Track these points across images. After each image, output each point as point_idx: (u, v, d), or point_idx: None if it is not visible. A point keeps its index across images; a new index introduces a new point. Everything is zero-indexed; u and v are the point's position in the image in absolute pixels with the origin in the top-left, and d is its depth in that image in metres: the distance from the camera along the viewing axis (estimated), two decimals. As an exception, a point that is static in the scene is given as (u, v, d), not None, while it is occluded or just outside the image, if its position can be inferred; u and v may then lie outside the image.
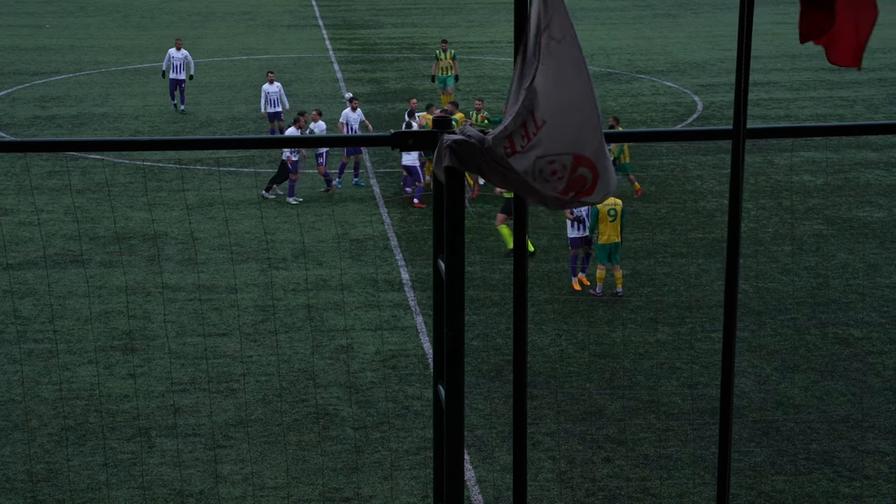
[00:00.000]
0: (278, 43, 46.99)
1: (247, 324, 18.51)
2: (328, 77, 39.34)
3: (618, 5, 59.45)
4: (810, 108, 34.67)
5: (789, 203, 24.80)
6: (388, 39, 48.13)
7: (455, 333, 4.95)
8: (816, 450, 14.70)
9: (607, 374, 16.75)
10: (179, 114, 33.26)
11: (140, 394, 16.07)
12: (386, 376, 16.68)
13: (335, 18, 54.63)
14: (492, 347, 17.60)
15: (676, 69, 40.81)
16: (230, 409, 15.77)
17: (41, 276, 20.47)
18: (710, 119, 33.17)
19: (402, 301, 19.51)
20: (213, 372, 16.76)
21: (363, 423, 15.39)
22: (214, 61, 42.31)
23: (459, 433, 5.04)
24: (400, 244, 22.34)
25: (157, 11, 56.45)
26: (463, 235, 4.91)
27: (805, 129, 5.09)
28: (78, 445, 14.77)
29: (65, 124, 32.20)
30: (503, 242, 21.65)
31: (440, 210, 5.03)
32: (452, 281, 4.92)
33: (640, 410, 15.72)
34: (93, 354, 17.28)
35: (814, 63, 41.87)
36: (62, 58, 42.59)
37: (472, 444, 14.80)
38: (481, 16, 55.55)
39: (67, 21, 52.58)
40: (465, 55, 43.87)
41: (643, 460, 14.48)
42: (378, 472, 14.20)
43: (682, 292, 19.78)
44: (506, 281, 20.15)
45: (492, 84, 38.21)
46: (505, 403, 15.77)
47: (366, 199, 25.17)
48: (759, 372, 16.81)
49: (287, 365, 17.01)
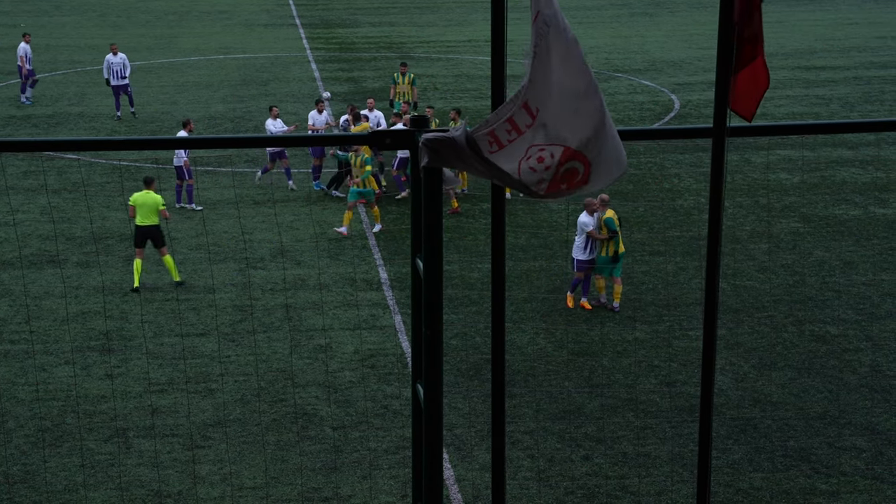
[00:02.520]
0: (255, 42, 46.87)
1: (225, 324, 18.46)
2: (306, 76, 39.26)
3: (594, 4, 59.58)
4: (786, 106, 34.85)
5: (766, 201, 24.92)
6: (366, 38, 48.09)
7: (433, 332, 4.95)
8: (794, 447, 14.78)
9: (586, 373, 16.79)
10: (131, 116, 32.49)
11: (117, 394, 16.00)
12: (364, 375, 16.66)
13: (312, 17, 54.52)
14: (470, 346, 17.60)
15: (653, 68, 40.94)
16: (208, 409, 15.71)
17: (17, 276, 20.35)
18: (688, 117, 33.29)
19: (380, 300, 19.49)
20: (191, 372, 16.70)
21: (342, 422, 15.37)
22: (191, 60, 42.15)
23: (438, 432, 5.04)
24: (378, 243, 22.31)
25: (133, 10, 56.20)
26: (441, 234, 4.91)
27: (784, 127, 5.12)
28: (55, 446, 14.69)
29: (40, 124, 32.02)
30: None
31: (418, 209, 5.03)
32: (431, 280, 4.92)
33: (619, 408, 15.76)
34: (70, 355, 17.19)
35: (790, 62, 42.10)
36: (37, 57, 42.34)
37: (450, 443, 14.81)
38: (459, 14, 55.56)
39: (43, 20, 52.28)
40: (443, 54, 43.88)
41: (622, 458, 14.52)
42: (357, 472, 14.18)
43: (659, 290, 19.83)
44: (484, 280, 20.17)
45: (469, 83, 38.22)
46: (483, 402, 15.78)
47: (344, 199, 25.12)
48: (736, 369, 16.88)
49: (265, 365, 16.97)
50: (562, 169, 4.48)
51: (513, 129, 4.48)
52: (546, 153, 4.46)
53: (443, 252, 4.92)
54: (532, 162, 4.48)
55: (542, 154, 4.46)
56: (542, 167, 4.48)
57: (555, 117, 4.41)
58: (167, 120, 32.62)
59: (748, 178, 26.71)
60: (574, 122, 4.42)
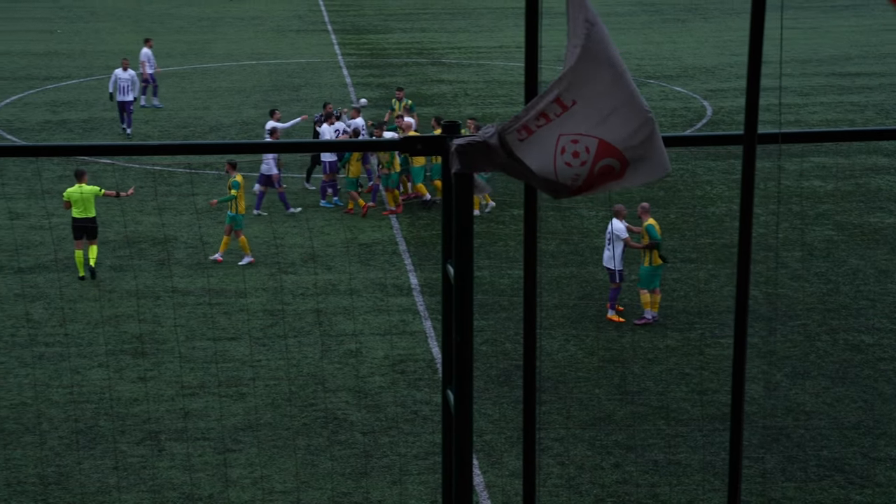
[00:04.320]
0: (287, 48, 47.06)
1: (256, 328, 18.53)
2: (337, 82, 39.39)
3: (627, 10, 59.44)
4: (820, 113, 34.62)
5: (799, 209, 24.75)
6: (397, 44, 48.18)
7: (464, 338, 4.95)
8: (827, 457, 14.66)
9: (616, 380, 16.73)
10: (125, 137, 31.53)
11: (150, 397, 16.10)
12: (394, 381, 16.68)
13: (344, 23, 54.70)
14: (500, 352, 17.59)
15: (686, 74, 40.78)
16: (239, 413, 15.78)
17: (52, 279, 20.51)
18: (720, 124, 33.13)
19: (410, 306, 19.51)
20: (223, 376, 16.78)
21: (372, 427, 15.39)
22: (224, 66, 42.39)
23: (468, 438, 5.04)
24: (409, 249, 22.34)
25: (166, 17, 56.60)
26: (472, 240, 4.92)
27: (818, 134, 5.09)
28: (88, 449, 14.80)
29: (75, 129, 32.28)
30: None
31: (449, 215, 5.03)
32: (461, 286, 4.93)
33: (650, 416, 15.69)
34: (103, 358, 17.32)
35: (824, 68, 41.82)
36: (73, 62, 42.71)
37: (480, 449, 14.79)
38: (490, 21, 55.58)
39: (78, 26, 52.74)
40: (474, 60, 43.91)
41: (653, 466, 14.46)
42: (387, 477, 14.19)
43: (691, 298, 19.74)
44: (514, 286, 20.14)
45: (500, 89, 38.22)
46: (513, 408, 15.76)
47: (375, 204, 25.17)
48: (769, 378, 16.77)
49: (296, 369, 17.02)
50: (598, 165, 4.48)
51: (541, 117, 4.48)
52: (581, 146, 4.45)
53: (473, 258, 4.92)
54: (567, 157, 4.48)
55: (577, 148, 4.45)
56: (578, 162, 4.48)
57: (591, 111, 4.40)
58: (199, 125, 32.81)
59: (781, 186, 26.54)
60: (611, 121, 4.40)
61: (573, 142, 4.46)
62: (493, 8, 60.05)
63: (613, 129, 4.40)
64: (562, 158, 4.49)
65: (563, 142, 4.47)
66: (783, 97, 36.61)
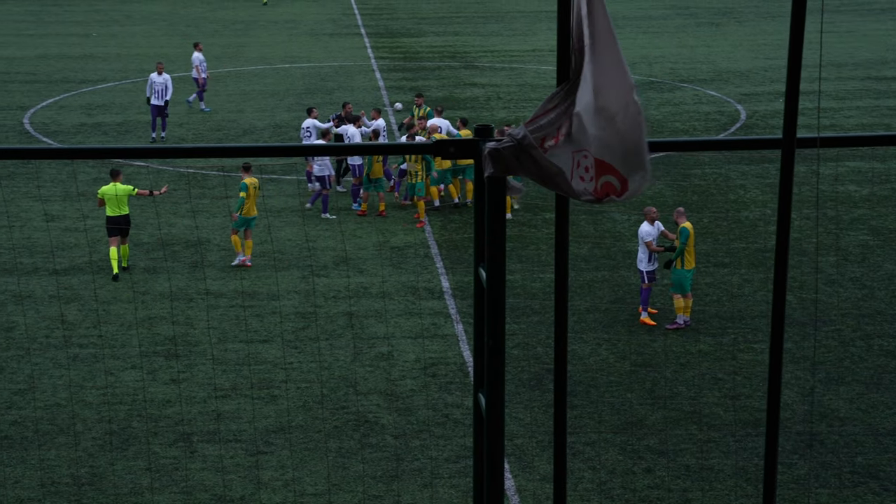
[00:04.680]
0: (321, 51, 47.22)
1: (288, 331, 18.59)
2: (370, 85, 39.48)
3: (661, 14, 59.23)
4: (856, 117, 34.34)
5: (834, 213, 24.56)
6: (430, 48, 48.23)
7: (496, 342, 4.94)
8: (862, 463, 14.53)
9: (648, 384, 16.65)
10: (171, 135, 31.89)
11: (183, 399, 16.19)
12: (426, 384, 16.69)
13: (377, 27, 54.82)
14: (532, 356, 17.55)
15: (720, 78, 40.57)
16: (271, 415, 15.83)
17: (87, 281, 20.67)
18: (754, 128, 32.93)
19: (442, 309, 19.51)
20: (255, 378, 16.84)
21: (403, 430, 15.40)
22: (258, 69, 42.59)
23: (500, 442, 5.03)
24: (440, 252, 22.35)
25: (201, 20, 56.93)
26: (504, 244, 4.91)
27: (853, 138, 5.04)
28: (121, 450, 14.89)
29: (110, 131, 32.52)
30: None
31: (481, 219, 5.03)
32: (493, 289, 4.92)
33: (682, 421, 15.61)
34: (136, 360, 17.43)
35: (860, 72, 41.49)
36: (108, 66, 43.05)
37: (511, 453, 14.77)
38: (523, 24, 55.54)
39: (114, 30, 53.15)
40: (507, 64, 43.88)
41: (684, 471, 14.38)
42: (418, 480, 14.20)
43: (724, 302, 19.63)
44: (546, 289, 20.10)
45: (533, 92, 38.17)
46: (545, 412, 15.72)
47: (406, 208, 25.21)
48: (802, 384, 16.64)
49: (328, 372, 17.06)
50: (600, 181, 4.51)
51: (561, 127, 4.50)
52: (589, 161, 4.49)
53: (505, 261, 4.91)
54: (581, 171, 4.52)
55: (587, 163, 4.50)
56: (589, 177, 4.52)
57: (587, 126, 4.41)
58: (233, 128, 32.98)
59: (815, 191, 26.34)
60: (607, 139, 4.42)
61: (584, 157, 4.49)
62: (526, 12, 59.99)
63: (608, 148, 4.43)
64: (577, 172, 4.52)
65: (577, 156, 4.50)
66: (819, 101, 36.33)
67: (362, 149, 13.97)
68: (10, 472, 14.33)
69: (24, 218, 24.27)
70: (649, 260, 18.59)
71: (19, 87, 38.59)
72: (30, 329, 18.56)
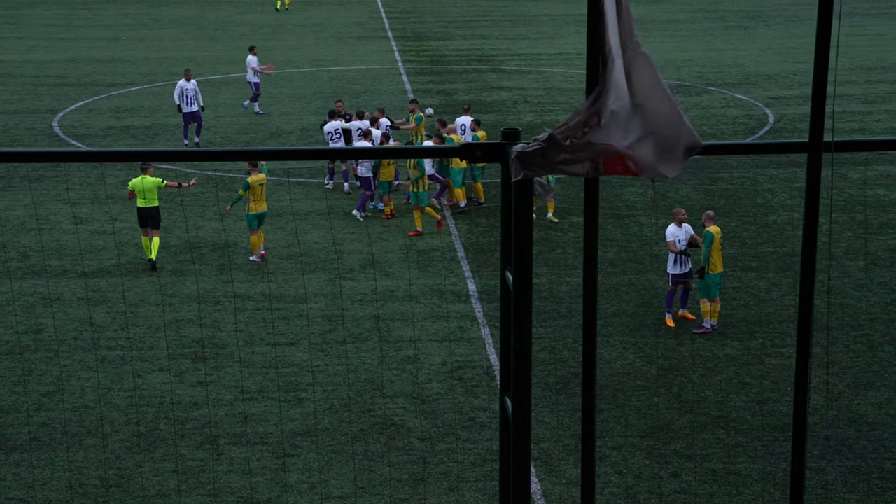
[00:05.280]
0: (348, 54, 47.33)
1: (315, 333, 18.64)
2: (397, 89, 39.53)
3: (689, 17, 59.02)
4: (885, 120, 34.10)
5: (863, 217, 24.39)
6: (457, 51, 48.26)
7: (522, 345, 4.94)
8: (891, 469, 14.42)
9: (675, 389, 16.59)
10: (193, 146, 31.94)
11: (210, 402, 16.26)
12: (452, 387, 16.69)
13: (404, 30, 54.89)
14: (558, 360, 17.52)
15: (748, 81, 40.39)
16: (297, 418, 15.88)
17: (115, 284, 20.81)
18: (782, 132, 32.76)
19: (468, 312, 19.51)
20: (282, 381, 16.90)
21: (429, 434, 15.41)
22: (285, 73, 42.74)
23: (526, 446, 5.03)
24: (467, 255, 22.35)
25: (229, 24, 57.18)
26: (531, 247, 4.91)
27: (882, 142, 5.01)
28: (149, 452, 14.97)
29: (139, 135, 32.71)
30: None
31: (508, 222, 5.03)
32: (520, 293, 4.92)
33: (709, 425, 15.54)
34: (164, 362, 17.52)
35: (889, 75, 41.19)
36: (137, 69, 43.32)
37: (537, 457, 14.75)
38: (551, 28, 55.47)
39: (142, 33, 53.47)
40: (534, 67, 43.84)
41: (711, 476, 14.32)
42: (444, 484, 14.20)
43: (751, 307, 19.54)
44: (572, 293, 20.06)
45: (560, 96, 38.12)
46: (571, 416, 15.69)
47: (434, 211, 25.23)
48: (830, 388, 16.54)
49: (354, 375, 17.10)
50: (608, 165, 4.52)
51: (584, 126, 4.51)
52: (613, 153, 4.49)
53: (532, 265, 4.91)
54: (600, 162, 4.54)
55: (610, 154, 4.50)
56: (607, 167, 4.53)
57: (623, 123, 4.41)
58: (260, 131, 33.10)
59: (844, 194, 26.19)
60: (629, 130, 4.41)
61: (611, 151, 4.50)
62: (553, 15, 59.93)
63: (630, 134, 4.42)
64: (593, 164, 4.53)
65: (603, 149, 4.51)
66: (847, 105, 36.10)
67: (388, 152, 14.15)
68: (38, 474, 14.43)
69: (53, 220, 24.45)
70: (674, 262, 18.57)
71: (49, 91, 38.89)
72: (58, 331, 18.69)
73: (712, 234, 18.21)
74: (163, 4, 64.27)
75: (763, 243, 22.81)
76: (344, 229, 23.94)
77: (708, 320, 18.42)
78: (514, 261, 4.95)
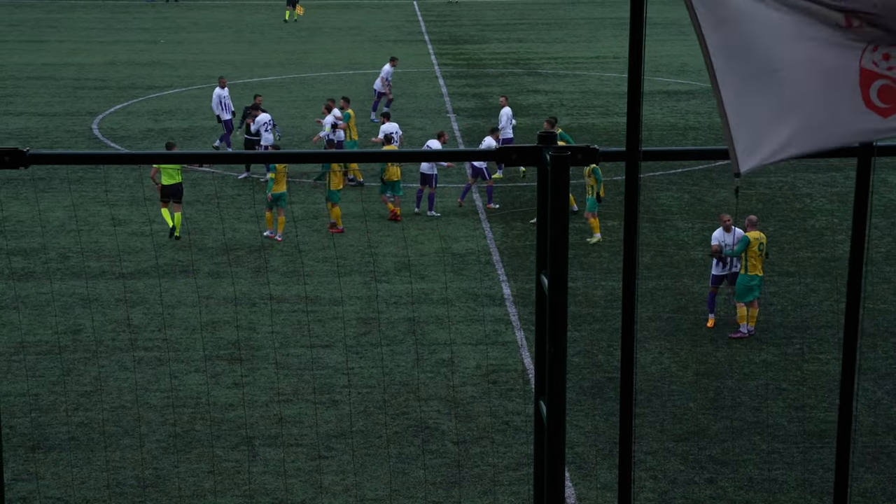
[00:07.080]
0: (384, 58, 47.41)
1: (350, 336, 18.68)
2: (433, 92, 39.56)
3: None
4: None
5: (903, 222, 24.13)
6: (494, 54, 48.23)
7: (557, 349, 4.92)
8: (929, 477, 14.25)
9: (711, 394, 16.49)
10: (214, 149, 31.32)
11: (245, 403, 16.33)
12: (486, 391, 16.67)
13: (441, 33, 54.94)
14: (593, 364, 17.46)
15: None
16: (332, 420, 15.91)
17: (152, 285, 20.95)
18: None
19: (503, 316, 19.48)
20: (317, 383, 16.94)
21: (463, 437, 15.40)
22: (321, 76, 42.89)
23: (561, 450, 5.01)
24: (502, 259, 22.33)
25: (266, 27, 57.46)
26: (566, 251, 4.89)
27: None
28: (185, 452, 15.06)
29: (176, 137, 32.93)
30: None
31: (544, 225, 5.01)
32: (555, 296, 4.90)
33: (745, 431, 15.43)
34: (200, 363, 17.61)
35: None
36: (175, 72, 43.61)
37: (572, 462, 14.70)
38: (587, 31, 55.35)
39: (181, 36, 53.84)
40: (570, 70, 43.75)
41: (748, 482, 14.21)
42: (478, 487, 14.18)
43: (789, 312, 19.38)
44: (607, 297, 19.98)
45: (596, 100, 38.02)
46: (606, 420, 15.63)
47: (468, 214, 25.24)
48: (869, 396, 16.38)
49: (389, 377, 17.11)
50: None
51: None
52: None
53: (567, 268, 4.89)
54: None
55: None
56: None
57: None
58: (296, 133, 33.23)
59: (884, 199, 25.93)
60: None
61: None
62: (590, 18, 59.80)
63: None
64: None
65: None
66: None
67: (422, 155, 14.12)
68: (76, 473, 14.55)
69: (91, 222, 24.66)
70: (716, 264, 18.63)
71: (88, 94, 39.23)
72: (97, 332, 18.84)
73: (748, 239, 18.11)
74: (201, 8, 64.70)
75: (801, 248, 22.63)
76: (379, 232, 23.98)
77: (744, 325, 18.30)
78: (550, 264, 4.93)
